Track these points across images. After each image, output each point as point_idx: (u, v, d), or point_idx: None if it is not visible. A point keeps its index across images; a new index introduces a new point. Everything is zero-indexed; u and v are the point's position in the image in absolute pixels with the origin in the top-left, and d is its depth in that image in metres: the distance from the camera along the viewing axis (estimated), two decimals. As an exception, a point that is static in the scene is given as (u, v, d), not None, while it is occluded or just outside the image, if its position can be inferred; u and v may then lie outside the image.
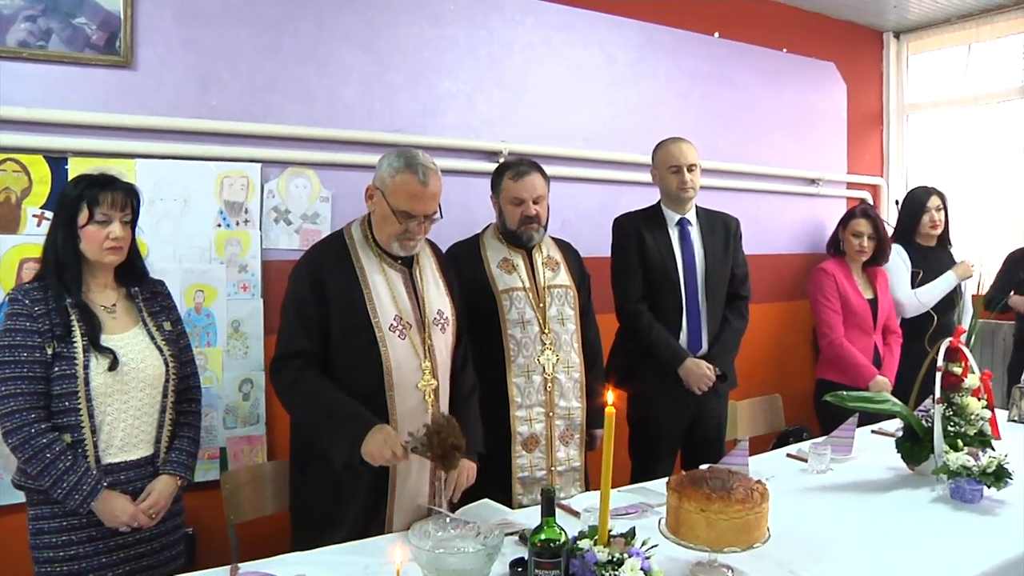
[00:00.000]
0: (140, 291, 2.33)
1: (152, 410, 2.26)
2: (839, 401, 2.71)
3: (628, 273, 3.29)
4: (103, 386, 2.14)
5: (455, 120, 3.65)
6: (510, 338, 2.80)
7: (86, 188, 2.17)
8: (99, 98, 2.94)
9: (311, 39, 3.31)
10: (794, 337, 4.90)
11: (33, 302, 2.12)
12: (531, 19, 3.85)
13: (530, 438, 2.81)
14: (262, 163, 3.18)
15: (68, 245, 2.16)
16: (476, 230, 3.10)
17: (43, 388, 2.10)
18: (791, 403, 4.17)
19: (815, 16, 5.02)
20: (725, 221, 3.42)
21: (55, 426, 2.10)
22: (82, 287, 2.20)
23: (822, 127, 5.09)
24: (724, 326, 3.33)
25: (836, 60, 5.14)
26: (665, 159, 3.30)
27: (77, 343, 2.12)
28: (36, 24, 2.83)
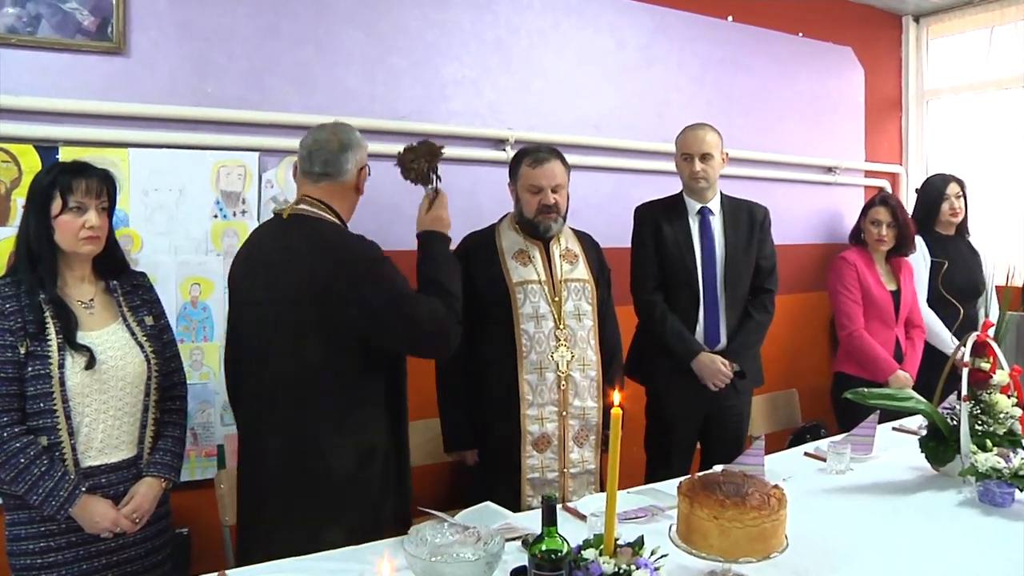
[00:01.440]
0: (120, 284, 2.21)
1: (134, 410, 2.14)
2: (860, 399, 2.57)
3: (644, 264, 3.20)
4: (80, 386, 2.03)
5: (460, 107, 3.52)
6: (523, 333, 2.68)
7: (59, 175, 2.06)
8: (91, 85, 2.82)
9: (310, 21, 3.18)
10: (811, 330, 4.74)
11: (4, 299, 2.01)
12: (539, 2, 3.71)
13: (541, 438, 2.69)
14: (260, 152, 3.06)
15: (42, 236, 2.05)
16: (482, 219, 2.99)
17: (16, 389, 1.98)
18: (808, 398, 4.05)
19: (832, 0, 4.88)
20: (751, 210, 3.27)
21: (30, 429, 1.99)
22: (57, 281, 2.08)
23: (839, 114, 4.93)
24: (745, 320, 3.18)
25: (853, 45, 4.98)
26: (680, 146, 3.20)
27: (52, 341, 2.01)
28: (25, 9, 2.72)
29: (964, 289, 4.00)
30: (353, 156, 2.27)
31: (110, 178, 2.15)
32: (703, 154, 3.12)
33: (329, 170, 2.24)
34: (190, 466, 2.98)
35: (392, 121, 3.29)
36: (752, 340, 3.18)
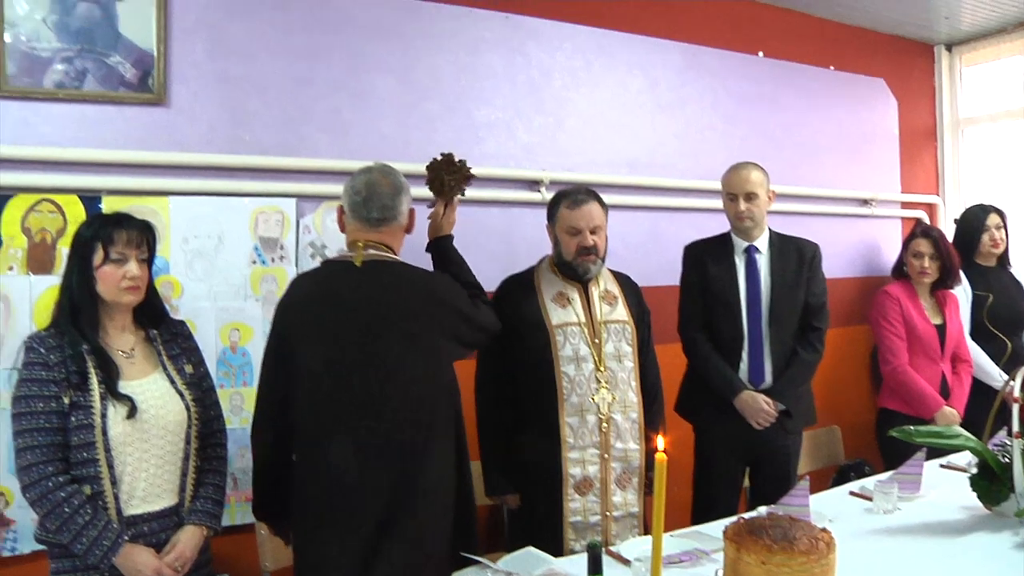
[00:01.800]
0: (159, 333, 2.24)
1: (175, 458, 2.15)
2: (906, 436, 2.51)
3: (689, 302, 3.20)
4: (122, 435, 2.04)
5: (494, 149, 3.53)
6: (563, 375, 2.66)
7: (100, 227, 2.10)
8: (133, 136, 2.89)
9: (345, 69, 3.23)
10: (851, 364, 4.65)
11: (48, 350, 2.03)
12: (569, 44, 3.73)
13: (583, 481, 2.65)
14: (297, 197, 3.10)
15: (83, 287, 2.08)
16: (517, 261, 3.00)
17: (61, 439, 2.00)
18: (850, 434, 3.97)
19: (862, 31, 4.84)
20: (800, 247, 3.22)
21: (74, 478, 2.00)
22: (99, 331, 2.11)
23: (873, 145, 4.88)
24: (793, 359, 3.12)
25: (885, 76, 4.95)
26: (724, 186, 3.18)
27: (94, 391, 2.03)
28: (72, 65, 2.80)
29: (1010, 322, 3.92)
30: (406, 198, 2.35)
31: (150, 229, 2.19)
32: (747, 193, 3.09)
33: (386, 215, 2.30)
34: (230, 511, 2.97)
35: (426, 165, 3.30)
36: (798, 379, 3.13)
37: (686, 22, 4.08)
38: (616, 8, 3.86)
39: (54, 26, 2.78)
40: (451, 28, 3.45)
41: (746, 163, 3.17)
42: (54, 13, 2.78)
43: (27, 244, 2.72)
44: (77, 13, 2.81)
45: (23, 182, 2.71)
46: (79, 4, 2.82)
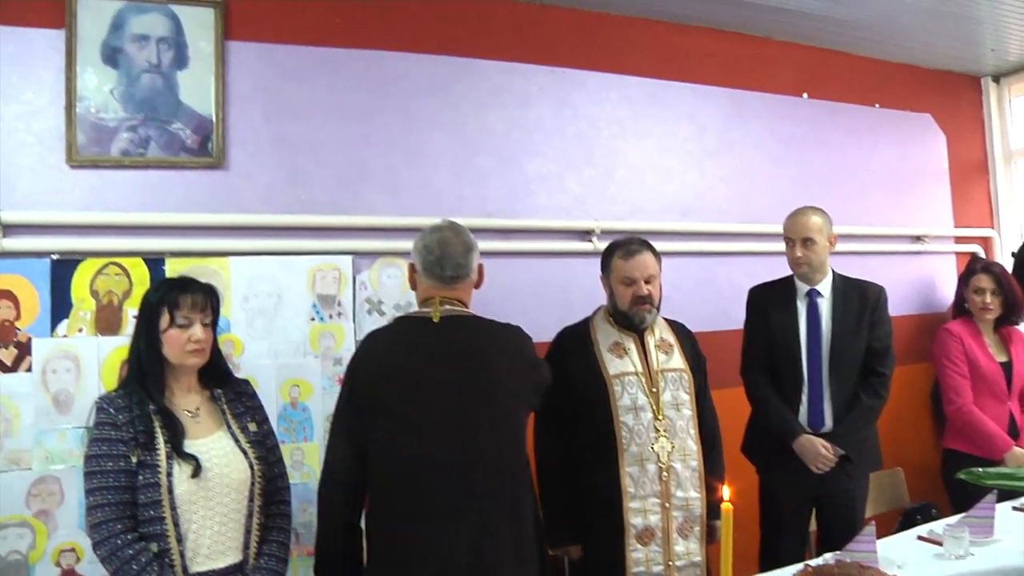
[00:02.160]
0: (224, 393, 2.28)
1: (239, 515, 2.17)
2: (974, 479, 2.45)
3: (751, 345, 3.21)
4: (187, 493, 2.07)
5: (546, 201, 3.58)
6: (622, 425, 2.65)
7: (166, 292, 2.16)
8: (194, 199, 2.98)
9: (398, 127, 3.30)
10: (911, 404, 4.56)
11: (117, 410, 2.09)
12: (616, 94, 3.78)
13: (645, 531, 2.62)
14: (353, 255, 3.15)
15: (150, 350, 2.14)
16: (572, 311, 3.01)
17: (129, 497, 2.04)
18: (914, 476, 3.89)
19: (906, 68, 4.81)
20: (864, 290, 3.20)
21: (142, 535, 2.03)
22: (165, 392, 2.16)
23: (923, 181, 4.83)
24: (854, 404, 3.08)
25: (932, 111, 4.91)
26: (784, 229, 3.19)
27: (160, 450, 2.07)
28: (136, 133, 2.91)
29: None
30: (476, 255, 2.37)
31: (214, 293, 2.24)
32: (804, 239, 3.10)
33: (460, 272, 2.32)
34: (292, 566, 2.98)
35: (480, 219, 3.35)
36: (859, 424, 3.08)
37: (730, 68, 4.11)
38: (660, 57, 3.91)
39: (120, 97, 2.90)
40: (500, 83, 3.52)
41: (806, 208, 3.17)
42: (120, 85, 2.91)
43: (95, 306, 2.80)
44: (141, 84, 2.93)
45: (91, 247, 2.82)
46: (143, 75, 2.94)
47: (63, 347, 2.75)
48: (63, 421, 2.72)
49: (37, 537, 2.67)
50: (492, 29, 3.53)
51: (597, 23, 3.76)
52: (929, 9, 3.88)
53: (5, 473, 2.65)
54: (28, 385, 2.70)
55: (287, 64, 3.16)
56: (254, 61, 3.11)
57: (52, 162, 2.83)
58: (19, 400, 2.68)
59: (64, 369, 2.74)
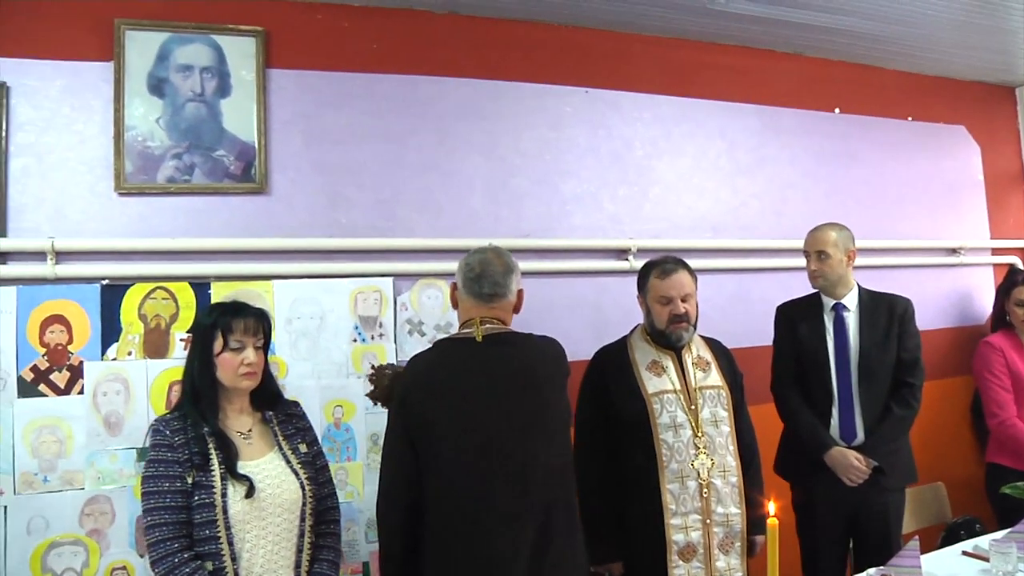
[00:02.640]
0: (275, 415, 2.34)
1: (291, 535, 2.23)
2: (1020, 493, 2.47)
3: (780, 360, 3.24)
4: (241, 513, 2.12)
5: (581, 221, 3.61)
6: (662, 443, 2.67)
7: (219, 316, 2.22)
8: (238, 224, 3.06)
9: (434, 151, 3.36)
10: (952, 417, 4.53)
11: (173, 432, 2.14)
12: (649, 114, 3.82)
13: (687, 547, 2.64)
14: (393, 277, 3.21)
15: (204, 373, 2.20)
16: (608, 329, 3.05)
17: (185, 517, 2.09)
18: (956, 491, 3.85)
19: (939, 80, 4.80)
20: (891, 303, 3.20)
21: (197, 555, 2.09)
22: (219, 414, 2.22)
23: (958, 193, 4.81)
24: (886, 415, 3.08)
25: (966, 122, 4.88)
26: (803, 245, 3.24)
27: (215, 471, 2.12)
28: (182, 160, 2.99)
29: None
30: (515, 277, 2.42)
31: (266, 317, 2.31)
32: (818, 252, 3.14)
33: (498, 291, 2.36)
34: (338, 585, 3.05)
35: (516, 239, 3.40)
36: (891, 435, 3.07)
37: (761, 85, 4.13)
38: (692, 76, 3.94)
39: (166, 126, 2.99)
40: (534, 105, 3.57)
41: (826, 224, 3.20)
42: (166, 114, 2.99)
43: (143, 330, 2.88)
44: (186, 113, 3.02)
45: (139, 272, 2.90)
46: (188, 104, 3.02)
47: (113, 370, 2.83)
48: (114, 442, 2.80)
49: (90, 555, 2.75)
50: (526, 52, 3.58)
51: (629, 44, 3.80)
52: (961, 21, 3.88)
53: (59, 493, 2.73)
54: (80, 407, 2.79)
55: (326, 90, 3.23)
56: (294, 88, 3.19)
57: (101, 190, 2.92)
58: (72, 422, 2.77)
59: (114, 392, 2.82)
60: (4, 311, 2.74)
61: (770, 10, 3.63)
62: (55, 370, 2.78)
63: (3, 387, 2.72)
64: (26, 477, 2.70)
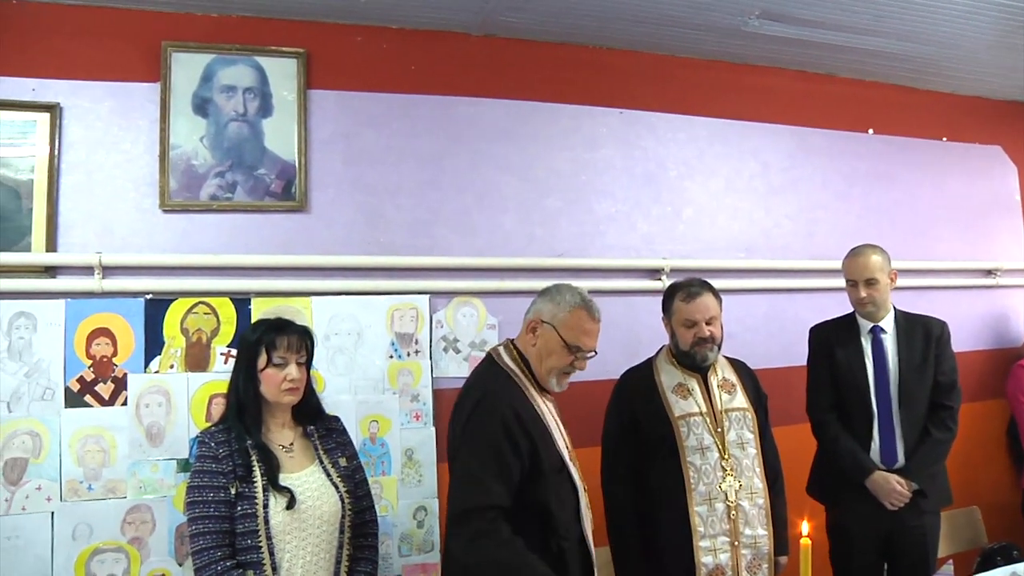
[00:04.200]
0: (316, 429, 2.41)
1: (330, 546, 2.29)
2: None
3: (817, 384, 3.22)
4: (282, 524, 2.19)
5: (615, 241, 3.65)
6: (689, 465, 2.70)
7: (264, 333, 2.30)
8: (278, 241, 3.14)
9: (469, 172, 3.43)
10: (987, 441, 4.49)
11: (218, 444, 2.23)
12: (683, 134, 3.85)
13: (715, 569, 2.66)
14: (430, 294, 3.27)
15: (249, 388, 2.28)
16: (641, 349, 3.07)
17: (228, 527, 2.17)
18: (992, 515, 3.83)
19: (974, 100, 4.78)
20: (927, 326, 3.20)
21: (240, 563, 2.16)
22: (262, 427, 2.29)
23: (994, 214, 4.77)
24: (925, 439, 3.08)
25: (1002, 142, 4.85)
26: (845, 272, 3.20)
27: (257, 483, 2.20)
28: (224, 178, 3.08)
29: None
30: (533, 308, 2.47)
31: (309, 334, 2.39)
32: (867, 280, 3.11)
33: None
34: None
35: (550, 259, 3.45)
36: (932, 459, 3.08)
37: (794, 106, 4.15)
38: (726, 97, 3.98)
39: (209, 144, 3.08)
40: (569, 126, 3.63)
41: (864, 248, 3.18)
42: (209, 133, 3.09)
43: (185, 344, 2.96)
44: (229, 132, 3.11)
45: (182, 287, 2.99)
46: (230, 124, 3.11)
47: (155, 382, 2.92)
48: (155, 453, 2.88)
49: (131, 563, 2.83)
50: (561, 73, 3.64)
51: (664, 65, 3.85)
52: (996, 41, 3.88)
53: (103, 501, 2.81)
54: (124, 418, 2.87)
55: (365, 111, 3.31)
56: (334, 108, 3.27)
57: (147, 207, 3.01)
58: (115, 432, 2.85)
59: (156, 404, 2.91)
60: (53, 323, 2.83)
61: (803, 32, 3.66)
62: (100, 381, 2.87)
63: (51, 397, 2.81)
64: (72, 485, 2.79)
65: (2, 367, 2.78)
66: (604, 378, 3.02)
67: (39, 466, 2.77)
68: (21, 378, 2.79)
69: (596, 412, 2.87)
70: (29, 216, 2.88)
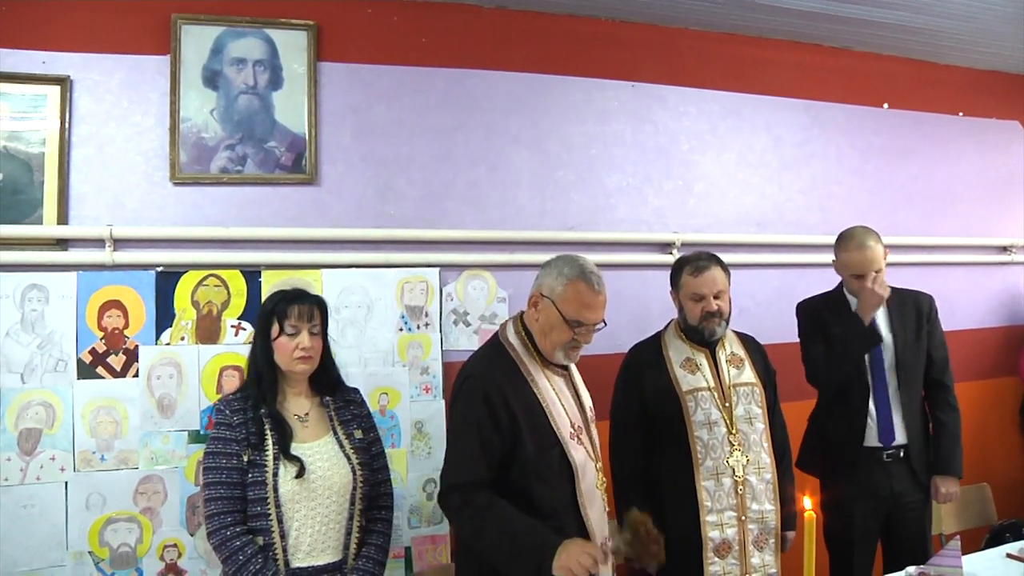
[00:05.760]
0: (333, 400, 2.41)
1: (339, 517, 2.30)
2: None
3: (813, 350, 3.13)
4: (291, 493, 2.20)
5: (626, 214, 3.63)
6: (697, 440, 2.68)
7: (277, 303, 2.31)
8: (288, 214, 3.13)
9: (481, 145, 3.41)
10: (998, 418, 4.46)
11: (233, 412, 2.25)
12: (695, 108, 3.82)
13: (722, 544, 2.65)
14: (440, 267, 3.26)
15: (264, 357, 2.30)
16: (651, 323, 3.05)
17: (240, 493, 2.19)
18: (1002, 493, 3.80)
19: (991, 74, 4.70)
20: (917, 300, 3.16)
21: (250, 529, 2.18)
22: (278, 396, 2.30)
23: (1011, 190, 4.71)
24: (939, 429, 3.06)
25: (1020, 118, 4.78)
26: (848, 265, 3.05)
27: (268, 451, 2.22)
28: (234, 151, 3.07)
29: None
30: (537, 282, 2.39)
31: (322, 303, 2.38)
32: (876, 271, 3.00)
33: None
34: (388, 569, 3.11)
35: (561, 232, 3.44)
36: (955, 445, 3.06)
37: (809, 80, 4.10)
38: (738, 71, 3.93)
39: (219, 117, 3.06)
40: (580, 99, 3.59)
41: (865, 237, 3.03)
42: (219, 106, 3.07)
43: (196, 316, 2.97)
44: (239, 105, 3.09)
45: (193, 259, 2.99)
46: (241, 96, 3.10)
47: (167, 354, 2.92)
48: (166, 424, 2.89)
49: (144, 532, 2.85)
50: (573, 46, 3.60)
51: (676, 39, 3.81)
52: (1015, 14, 3.81)
53: (115, 471, 2.83)
54: (135, 390, 2.88)
55: (375, 84, 3.29)
56: (344, 81, 3.24)
57: (157, 180, 3.01)
58: (127, 403, 2.87)
59: (167, 375, 2.91)
60: (65, 296, 2.84)
61: (818, 5, 3.61)
62: (112, 353, 2.87)
63: (64, 369, 2.82)
64: (85, 455, 2.81)
65: (15, 338, 2.79)
66: (613, 352, 3.01)
67: (52, 437, 2.79)
68: (34, 350, 2.80)
69: (605, 386, 2.84)
70: (41, 189, 2.88)
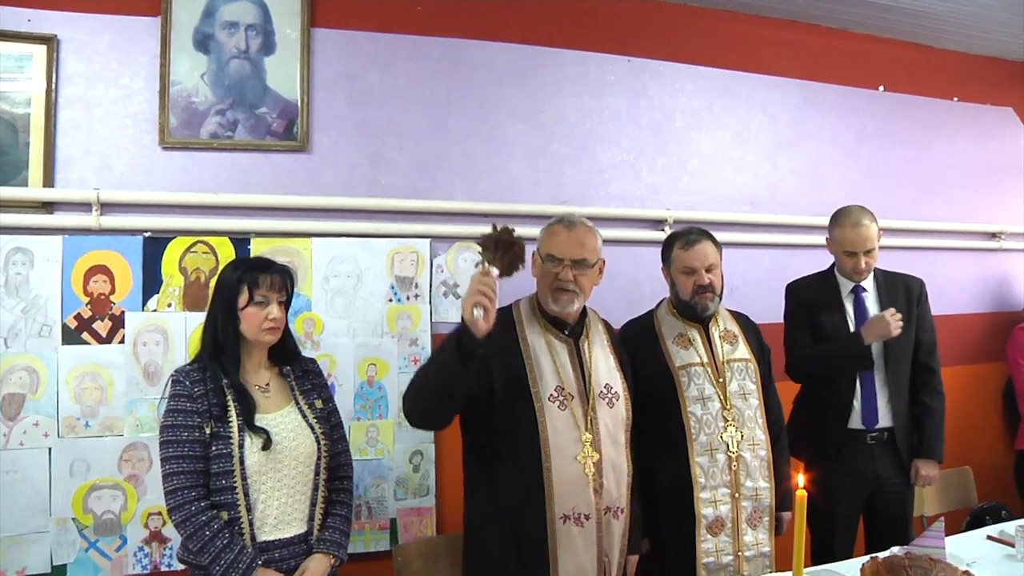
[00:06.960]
0: (292, 370, 2.36)
1: (305, 488, 2.25)
2: (1050, 481, 2.46)
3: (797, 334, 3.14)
4: (257, 464, 2.15)
5: (619, 190, 3.60)
6: (690, 415, 2.64)
7: (245, 271, 2.23)
8: (278, 181, 3.08)
9: (476, 116, 3.36)
10: (982, 403, 4.48)
11: (193, 383, 2.16)
12: (691, 85, 3.78)
13: (715, 521, 2.61)
14: (431, 238, 3.23)
15: (228, 327, 2.21)
16: (644, 299, 3.04)
17: (202, 467, 2.12)
18: (983, 476, 3.81)
19: (987, 60, 4.69)
20: (907, 284, 3.15)
21: (214, 504, 2.11)
22: (239, 367, 2.23)
23: (1002, 177, 4.70)
24: (925, 413, 3.06)
25: (1014, 104, 4.77)
26: (841, 242, 3.06)
27: (233, 423, 2.14)
28: (225, 116, 3.01)
29: None
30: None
31: (290, 274, 2.31)
32: (868, 250, 3.02)
33: None
34: (364, 539, 3.09)
35: (554, 206, 3.38)
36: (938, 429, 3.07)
37: (805, 60, 4.07)
38: (736, 49, 3.90)
39: (210, 82, 3.00)
40: (576, 73, 3.55)
41: (860, 216, 3.04)
42: (210, 70, 3.01)
43: (183, 283, 2.92)
44: (230, 69, 3.03)
45: (181, 225, 2.93)
46: (232, 61, 3.03)
47: (153, 321, 2.88)
48: (152, 392, 2.85)
49: (128, 499, 2.82)
50: (570, 19, 3.55)
51: (674, 14, 3.76)
52: (1013, 0, 3.80)
53: (100, 438, 2.80)
54: (121, 356, 2.84)
55: (370, 51, 3.23)
56: (338, 48, 3.18)
57: (146, 143, 2.95)
58: (113, 370, 2.83)
59: (154, 342, 2.87)
60: (50, 260, 2.79)
61: (818, -17, 3.59)
62: (97, 319, 2.83)
63: (48, 334, 2.77)
64: (69, 421, 2.77)
65: (-1, 302, 2.74)
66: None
67: (36, 402, 2.75)
68: (18, 314, 2.75)
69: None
70: (26, 151, 2.81)
